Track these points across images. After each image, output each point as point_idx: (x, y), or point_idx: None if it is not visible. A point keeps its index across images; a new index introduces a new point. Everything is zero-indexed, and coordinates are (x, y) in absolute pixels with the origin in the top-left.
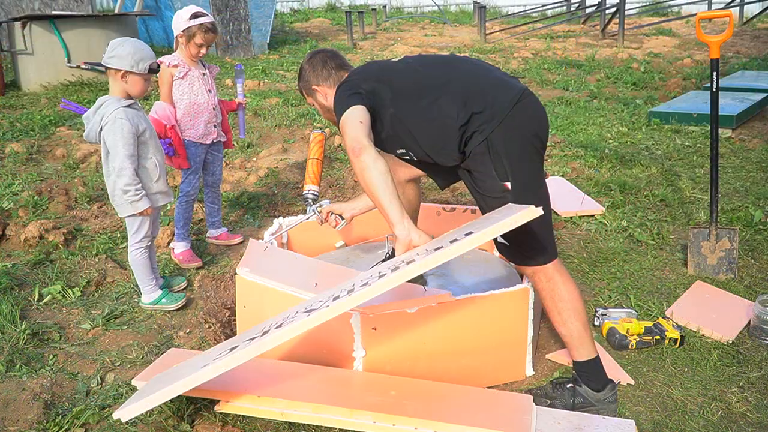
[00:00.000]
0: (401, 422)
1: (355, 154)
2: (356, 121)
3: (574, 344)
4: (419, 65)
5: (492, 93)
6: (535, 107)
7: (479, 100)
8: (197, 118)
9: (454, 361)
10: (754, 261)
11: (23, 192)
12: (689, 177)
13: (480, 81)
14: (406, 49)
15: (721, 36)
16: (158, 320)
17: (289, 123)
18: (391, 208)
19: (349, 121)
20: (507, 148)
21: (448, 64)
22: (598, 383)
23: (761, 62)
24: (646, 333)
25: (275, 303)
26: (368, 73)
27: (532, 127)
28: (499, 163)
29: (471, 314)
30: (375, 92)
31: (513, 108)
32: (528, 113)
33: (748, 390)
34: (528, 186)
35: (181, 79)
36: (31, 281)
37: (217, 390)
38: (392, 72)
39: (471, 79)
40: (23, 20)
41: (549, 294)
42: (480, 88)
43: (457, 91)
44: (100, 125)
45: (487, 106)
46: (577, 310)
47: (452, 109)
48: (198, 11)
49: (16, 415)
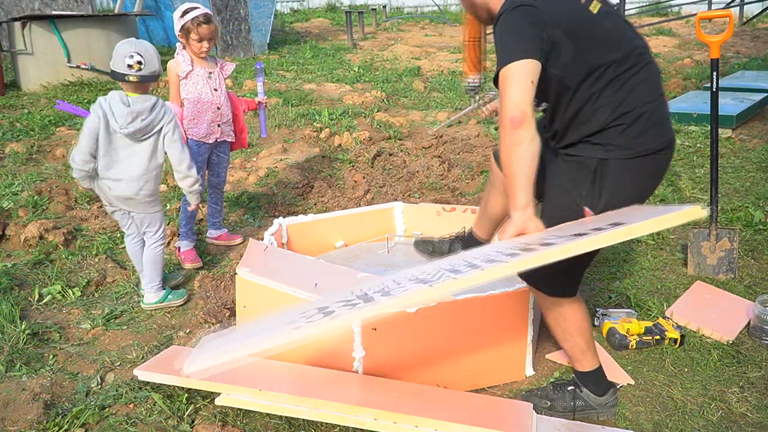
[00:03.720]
0: (402, 420)
1: (514, 124)
2: (527, 81)
3: (576, 357)
4: (613, 24)
5: (649, 122)
6: (665, 163)
7: (630, 118)
8: (200, 117)
9: (454, 360)
10: (754, 261)
11: (23, 192)
12: (689, 177)
13: (653, 91)
14: (406, 49)
15: (721, 36)
16: (158, 320)
17: (289, 123)
18: (523, 192)
19: (517, 77)
20: (617, 186)
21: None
22: (600, 389)
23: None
24: (646, 333)
25: (275, 303)
26: (557, 13)
27: (652, 183)
28: (596, 190)
29: (471, 314)
30: (556, 46)
31: (655, 153)
32: (660, 165)
33: (748, 390)
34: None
35: (184, 79)
36: (31, 281)
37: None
38: (585, 23)
39: (648, 80)
40: (23, 20)
41: (552, 313)
42: (644, 102)
43: (626, 87)
44: (160, 125)
45: (632, 134)
46: (580, 328)
47: (606, 112)
48: (188, 6)
49: (16, 415)
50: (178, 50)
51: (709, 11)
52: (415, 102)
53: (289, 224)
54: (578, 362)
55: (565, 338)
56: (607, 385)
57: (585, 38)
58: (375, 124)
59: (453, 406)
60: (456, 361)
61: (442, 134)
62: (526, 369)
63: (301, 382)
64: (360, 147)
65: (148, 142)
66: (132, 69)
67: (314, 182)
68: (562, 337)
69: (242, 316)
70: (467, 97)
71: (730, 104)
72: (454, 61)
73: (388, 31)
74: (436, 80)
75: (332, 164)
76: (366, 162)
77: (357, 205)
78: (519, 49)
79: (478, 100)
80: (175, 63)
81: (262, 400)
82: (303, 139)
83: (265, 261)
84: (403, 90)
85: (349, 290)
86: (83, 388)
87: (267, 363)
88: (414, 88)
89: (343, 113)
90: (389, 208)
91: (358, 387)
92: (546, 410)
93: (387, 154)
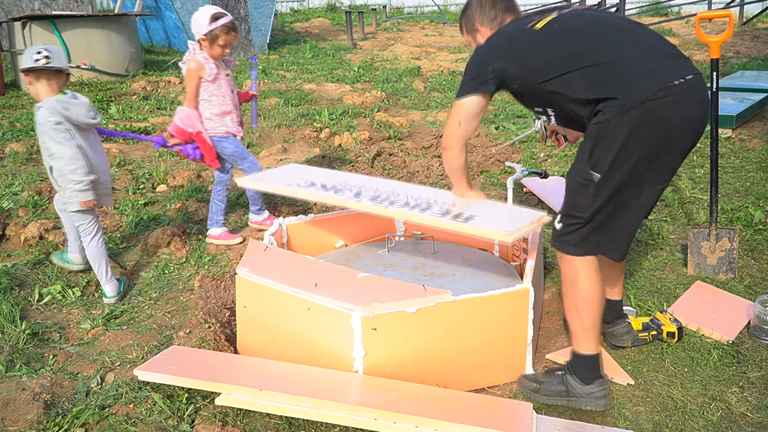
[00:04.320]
0: (402, 420)
1: (443, 147)
2: (456, 122)
3: (577, 335)
4: (564, 33)
5: (636, 75)
6: (669, 111)
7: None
8: (225, 117)
9: (454, 360)
10: (754, 261)
11: (23, 192)
12: (689, 177)
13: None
14: (406, 49)
15: (721, 36)
16: (158, 320)
17: (289, 123)
18: (457, 183)
19: (457, 113)
20: (618, 140)
21: (604, 33)
22: (587, 377)
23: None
24: (644, 329)
25: (275, 303)
26: (501, 47)
27: (658, 135)
28: (600, 153)
29: (471, 314)
30: (504, 70)
31: (646, 101)
32: (657, 116)
33: (748, 390)
34: (615, 189)
35: (210, 82)
36: (31, 281)
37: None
38: (528, 46)
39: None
40: (23, 20)
41: (569, 281)
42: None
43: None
44: None
45: (624, 93)
46: (590, 307)
47: (578, 87)
48: (217, 12)
49: (16, 415)
50: (195, 51)
51: (709, 11)
52: (415, 102)
53: (289, 224)
54: (576, 341)
55: (573, 310)
56: (596, 376)
57: (527, 55)
58: (375, 124)
59: (453, 406)
60: (456, 361)
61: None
62: (526, 369)
63: (301, 382)
64: (360, 147)
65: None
66: (40, 62)
67: None
68: (571, 308)
69: (242, 316)
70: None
71: (730, 104)
72: (454, 61)
73: (388, 31)
74: (436, 80)
75: (332, 164)
76: (366, 162)
77: None
78: (466, 88)
79: (543, 121)
80: (198, 65)
81: (262, 400)
82: (303, 139)
83: (265, 261)
84: (403, 90)
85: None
86: (83, 388)
87: (267, 363)
88: (414, 88)
89: (343, 113)
90: None
91: (358, 387)
92: (532, 393)
93: (387, 154)
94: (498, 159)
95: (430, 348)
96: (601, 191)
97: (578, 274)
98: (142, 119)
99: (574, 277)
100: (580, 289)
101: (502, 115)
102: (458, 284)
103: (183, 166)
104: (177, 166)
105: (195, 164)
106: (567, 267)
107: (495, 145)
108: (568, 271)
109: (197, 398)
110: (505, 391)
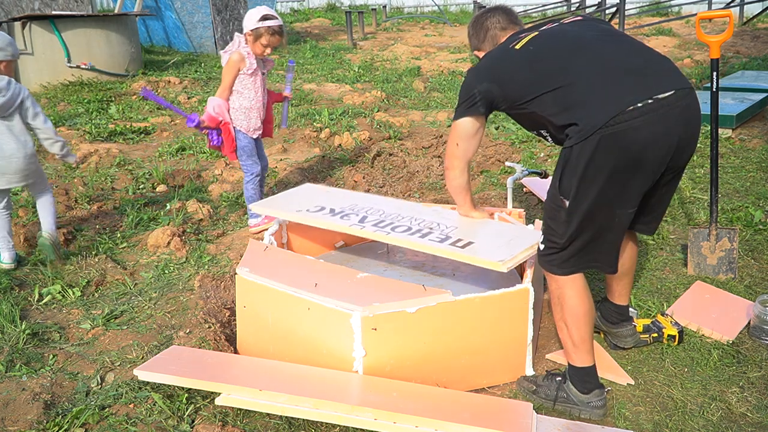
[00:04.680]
0: (402, 420)
1: (445, 167)
2: (455, 143)
3: (568, 350)
4: (539, 54)
5: (596, 100)
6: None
7: (580, 111)
8: (250, 113)
9: (454, 360)
10: (754, 261)
11: (23, 192)
12: (689, 177)
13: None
14: (406, 49)
15: (721, 36)
16: (158, 320)
17: (289, 123)
18: (461, 202)
19: (454, 134)
20: (580, 166)
21: (573, 55)
22: (585, 387)
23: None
24: (644, 331)
25: (275, 303)
26: (485, 70)
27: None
28: (567, 179)
29: (471, 314)
30: (489, 92)
31: (603, 127)
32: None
33: (748, 390)
34: (585, 215)
35: (248, 75)
36: (31, 281)
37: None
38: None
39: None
40: (23, 20)
41: (555, 298)
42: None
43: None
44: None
45: (583, 119)
46: (578, 323)
47: (551, 110)
48: (268, 13)
49: (16, 415)
50: (240, 44)
51: (709, 11)
52: (415, 102)
53: (289, 224)
54: (568, 355)
55: (562, 326)
56: (594, 386)
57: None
58: (375, 124)
59: (453, 406)
60: (456, 361)
61: (442, 134)
62: (526, 369)
63: (301, 382)
64: (360, 147)
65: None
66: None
67: (314, 182)
68: (560, 324)
69: (242, 316)
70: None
71: (730, 104)
72: (454, 61)
73: (388, 31)
74: (436, 80)
75: (332, 164)
76: (366, 162)
77: None
78: (461, 111)
79: None
80: (240, 57)
81: (262, 400)
82: (303, 139)
83: (265, 261)
84: (403, 90)
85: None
86: (83, 388)
87: (267, 363)
88: (414, 88)
89: (343, 113)
90: None
91: (358, 387)
92: (530, 393)
93: (387, 154)
94: (498, 159)
95: (430, 348)
96: (572, 218)
97: (564, 292)
98: (141, 119)
99: (560, 294)
100: (568, 306)
101: (501, 115)
102: (458, 284)
103: (183, 166)
104: (177, 166)
105: (195, 164)
106: (553, 285)
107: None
108: (555, 289)
109: (197, 398)
110: (505, 391)
